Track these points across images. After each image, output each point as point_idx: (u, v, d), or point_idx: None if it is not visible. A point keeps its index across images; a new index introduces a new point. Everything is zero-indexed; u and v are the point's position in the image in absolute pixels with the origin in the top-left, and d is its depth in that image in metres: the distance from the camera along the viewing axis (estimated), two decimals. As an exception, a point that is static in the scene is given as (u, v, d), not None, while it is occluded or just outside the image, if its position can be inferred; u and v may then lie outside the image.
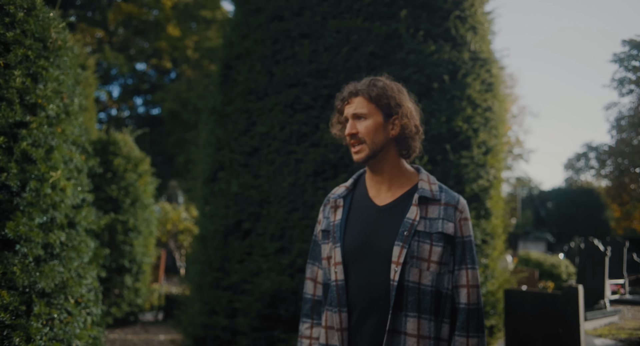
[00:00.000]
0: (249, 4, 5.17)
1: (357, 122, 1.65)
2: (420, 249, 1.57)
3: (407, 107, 1.68)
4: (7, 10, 2.57)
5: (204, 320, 4.85)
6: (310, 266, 1.84)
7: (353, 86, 1.70)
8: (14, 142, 2.48)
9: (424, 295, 1.56)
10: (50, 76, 2.72)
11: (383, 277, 1.56)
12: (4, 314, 2.31)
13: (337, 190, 1.81)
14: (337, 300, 1.60)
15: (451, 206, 1.65)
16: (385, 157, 1.68)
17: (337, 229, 1.66)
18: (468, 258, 1.65)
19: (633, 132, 32.47)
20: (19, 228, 2.40)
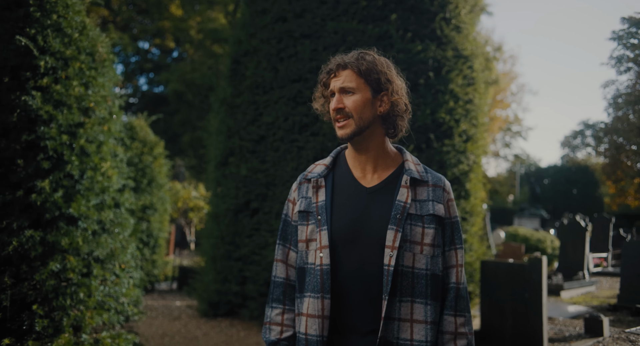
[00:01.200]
0: (256, 6, 5.72)
1: (344, 97, 1.53)
2: (413, 232, 1.51)
3: (397, 84, 1.58)
4: (65, 31, 3.17)
5: (218, 287, 5.55)
6: (281, 248, 1.69)
7: (341, 58, 1.57)
8: (74, 139, 3.11)
9: (418, 278, 1.50)
10: (98, 84, 3.34)
11: (375, 262, 1.48)
12: (72, 274, 2.98)
13: (314, 168, 1.67)
14: (321, 286, 1.49)
15: (439, 187, 1.60)
16: (372, 135, 1.57)
17: (322, 211, 1.55)
18: (457, 239, 1.62)
19: (630, 109, 32.91)
20: (80, 208, 3.05)
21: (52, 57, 3.09)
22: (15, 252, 2.81)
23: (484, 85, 5.63)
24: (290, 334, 1.60)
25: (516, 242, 11.75)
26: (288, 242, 1.67)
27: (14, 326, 2.79)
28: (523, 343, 5.01)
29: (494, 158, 41.35)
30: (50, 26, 3.13)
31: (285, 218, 1.70)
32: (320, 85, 1.63)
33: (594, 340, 5.60)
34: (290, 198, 1.68)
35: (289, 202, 1.69)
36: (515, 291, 5.15)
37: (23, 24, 3.08)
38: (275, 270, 1.67)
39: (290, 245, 1.67)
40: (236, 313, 5.63)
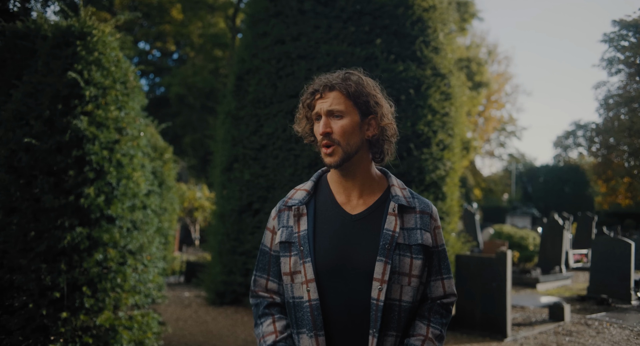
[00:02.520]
0: (257, 29, 6.44)
1: (331, 120, 1.44)
2: (402, 263, 1.42)
3: (386, 107, 1.51)
4: (104, 65, 3.89)
5: (224, 278, 6.28)
6: (258, 280, 1.57)
7: (327, 79, 1.48)
8: (112, 154, 3.83)
9: (404, 312, 1.43)
10: (129, 107, 4.06)
11: (364, 296, 1.39)
12: (112, 263, 3.70)
13: (294, 194, 1.56)
14: (313, 323, 1.40)
15: (427, 214, 1.50)
16: (359, 161, 1.48)
17: (305, 241, 1.45)
18: (443, 268, 1.53)
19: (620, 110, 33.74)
20: (117, 210, 3.77)
21: (95, 87, 3.81)
22: (68, 245, 3.53)
23: (465, 97, 6.34)
24: (286, 335, 1.50)
25: (501, 239, 12.50)
26: (266, 273, 1.56)
27: (69, 304, 3.51)
28: (490, 326, 5.75)
29: (488, 158, 42.14)
30: (93, 62, 3.85)
31: (263, 249, 1.59)
32: (302, 107, 1.53)
33: (556, 324, 6.37)
34: (270, 226, 1.58)
35: (268, 230, 1.59)
36: (484, 281, 5.88)
37: (71, 60, 3.80)
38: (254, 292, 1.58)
39: (269, 276, 1.56)
40: (240, 302, 6.37)
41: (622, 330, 6.12)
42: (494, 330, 5.72)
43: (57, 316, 3.45)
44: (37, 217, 3.57)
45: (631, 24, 33.75)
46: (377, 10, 6.05)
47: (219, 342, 4.94)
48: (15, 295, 3.47)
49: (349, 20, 6.03)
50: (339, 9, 6.05)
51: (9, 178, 3.60)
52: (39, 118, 3.68)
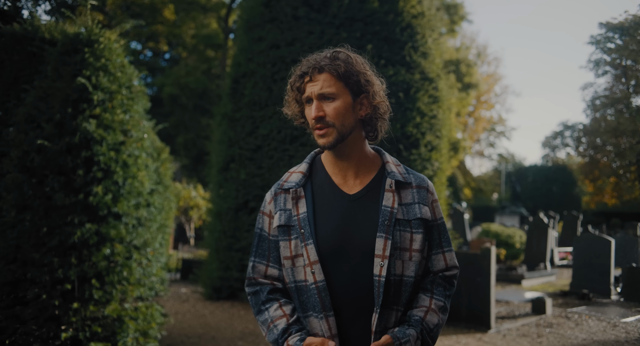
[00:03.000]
0: (253, 34, 6.69)
1: (323, 103, 1.42)
2: (402, 238, 1.42)
3: (377, 85, 1.49)
4: (111, 71, 4.12)
5: (221, 274, 6.53)
6: (257, 266, 1.56)
7: (315, 60, 1.45)
8: (118, 155, 4.06)
9: (405, 286, 1.43)
10: (134, 110, 4.30)
11: (367, 274, 1.39)
12: (118, 257, 3.94)
13: (289, 177, 1.55)
14: (321, 304, 1.39)
15: (423, 188, 1.51)
16: (353, 141, 1.47)
17: (305, 223, 1.44)
18: (444, 241, 1.53)
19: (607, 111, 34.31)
20: (124, 208, 4.01)
21: (102, 92, 4.04)
22: (78, 240, 3.76)
23: (453, 100, 6.62)
24: (296, 318, 1.48)
25: (488, 237, 12.84)
26: (265, 259, 1.54)
27: (79, 295, 3.74)
28: (475, 318, 6.05)
29: (478, 158, 42.62)
30: (100, 68, 4.08)
31: (261, 233, 1.56)
32: (291, 89, 1.51)
33: (538, 317, 6.68)
34: (265, 211, 1.56)
35: (264, 214, 1.56)
36: (469, 276, 6.18)
37: (80, 66, 4.03)
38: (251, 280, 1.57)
39: (268, 261, 1.54)
40: (236, 296, 6.61)
41: (599, 322, 6.45)
42: (479, 322, 6.02)
43: (68, 307, 3.68)
44: (49, 214, 3.80)
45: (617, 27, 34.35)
46: (368, 17, 6.32)
47: (217, 333, 5.19)
48: (29, 287, 3.69)
49: (341, 26, 6.30)
50: (332, 16, 6.31)
51: (22, 177, 3.82)
52: (50, 121, 3.91)
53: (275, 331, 1.45)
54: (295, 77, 1.49)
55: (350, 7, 6.27)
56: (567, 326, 6.21)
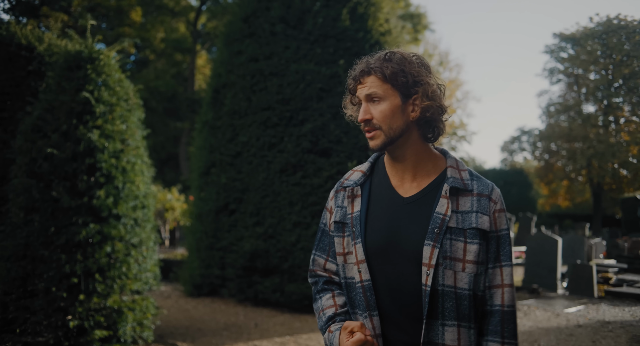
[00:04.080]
0: (233, 47, 7.16)
1: (371, 106, 1.42)
2: (454, 248, 1.37)
3: (428, 84, 1.43)
4: (110, 86, 4.55)
5: (202, 271, 6.96)
6: (317, 259, 1.62)
7: (365, 63, 1.46)
8: (118, 161, 4.48)
9: (461, 300, 1.36)
10: (131, 121, 4.72)
11: (413, 281, 1.36)
12: (119, 254, 4.36)
13: (351, 175, 1.58)
14: (366, 303, 1.41)
15: (485, 196, 1.43)
16: (407, 143, 1.45)
17: (357, 222, 1.46)
18: (502, 255, 1.44)
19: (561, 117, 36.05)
20: (123, 209, 4.43)
21: (103, 105, 4.46)
22: (83, 238, 4.17)
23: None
24: (346, 309, 1.52)
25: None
26: (325, 253, 1.60)
27: (84, 288, 4.14)
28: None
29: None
30: (101, 83, 4.50)
31: (324, 228, 1.62)
32: (348, 92, 1.53)
33: (492, 309, 7.38)
34: (328, 206, 1.61)
35: (327, 210, 1.61)
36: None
37: (83, 81, 4.43)
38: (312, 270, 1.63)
39: (328, 256, 1.59)
40: (217, 292, 7.06)
41: (545, 312, 7.20)
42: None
43: (74, 299, 4.08)
44: (56, 215, 4.19)
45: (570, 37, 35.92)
46: (340, 34, 6.89)
47: (203, 325, 5.64)
48: (38, 282, 4.08)
49: (316, 42, 6.85)
50: (307, 32, 6.85)
51: (30, 182, 4.20)
52: (57, 131, 4.30)
53: (323, 319, 1.50)
54: (350, 79, 1.50)
55: (324, 24, 6.82)
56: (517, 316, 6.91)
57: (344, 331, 1.38)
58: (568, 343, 5.61)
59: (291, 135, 6.54)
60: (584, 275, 9.01)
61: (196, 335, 5.27)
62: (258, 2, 7.13)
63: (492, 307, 1.41)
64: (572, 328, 6.31)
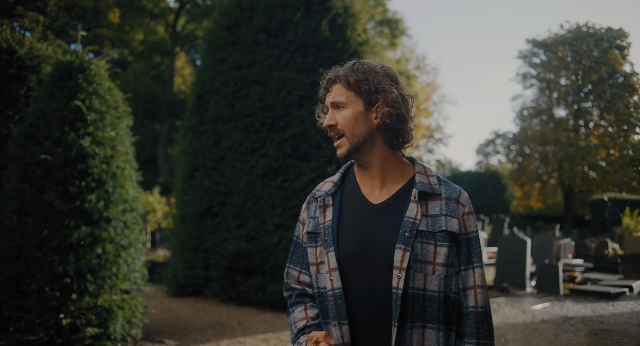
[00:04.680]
0: (216, 55, 7.40)
1: (336, 112, 1.47)
2: (424, 251, 1.39)
3: (390, 92, 1.45)
4: (101, 94, 4.75)
5: (186, 272, 7.17)
6: (291, 272, 1.62)
7: (334, 72, 1.52)
8: (108, 167, 4.69)
9: (430, 302, 1.39)
10: (120, 128, 4.93)
11: (385, 285, 1.38)
12: (109, 255, 4.57)
13: (322, 186, 1.61)
14: (336, 311, 1.42)
15: (453, 200, 1.47)
16: (372, 150, 1.48)
17: (329, 231, 1.48)
18: (474, 256, 1.47)
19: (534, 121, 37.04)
20: (113, 213, 4.64)
21: (94, 113, 4.66)
22: (75, 240, 4.37)
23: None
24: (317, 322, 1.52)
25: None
26: (299, 265, 1.60)
27: (76, 288, 4.34)
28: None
29: (417, 164, 44.45)
30: (92, 92, 4.70)
31: (297, 241, 1.63)
32: (320, 101, 1.58)
33: (464, 306, 7.76)
34: (301, 219, 1.62)
35: (299, 223, 1.63)
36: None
37: (75, 90, 4.63)
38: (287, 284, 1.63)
39: (301, 268, 1.60)
40: (200, 292, 7.27)
41: (513, 309, 7.60)
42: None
43: (67, 298, 4.28)
44: (48, 219, 4.38)
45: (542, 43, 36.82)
46: (320, 44, 7.18)
47: (188, 324, 5.87)
48: (31, 282, 4.26)
49: (297, 51, 7.13)
50: (288, 42, 7.13)
51: (23, 186, 4.38)
52: (49, 137, 4.49)
53: (294, 331, 1.51)
54: (321, 89, 1.56)
55: (305, 34, 7.11)
56: (487, 313, 7.29)
57: (310, 341, 1.39)
58: (532, 337, 6.00)
59: (273, 141, 6.81)
60: (551, 274, 9.48)
61: (182, 332, 5.49)
62: (241, 12, 7.39)
63: (467, 309, 1.43)
64: (536, 324, 6.72)
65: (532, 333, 6.21)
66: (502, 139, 41.01)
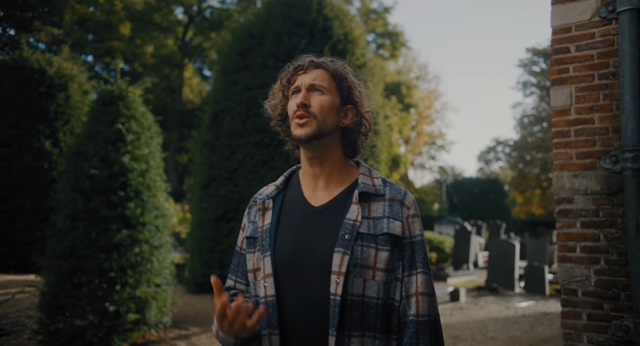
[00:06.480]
0: (229, 77, 8.29)
1: (311, 95, 1.35)
2: (364, 255, 1.29)
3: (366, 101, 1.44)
4: (137, 118, 5.63)
5: (203, 271, 8.03)
6: (228, 282, 1.52)
7: (312, 58, 1.42)
8: (144, 179, 5.56)
9: (367, 308, 1.28)
10: (152, 146, 5.81)
11: (323, 291, 1.28)
12: (145, 254, 5.42)
13: (265, 190, 1.50)
14: (267, 321, 1.30)
15: (397, 201, 1.36)
16: (329, 145, 1.39)
17: (266, 235, 1.37)
18: (418, 261, 1.35)
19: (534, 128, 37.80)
20: (148, 218, 5.51)
21: (132, 134, 5.54)
22: (118, 241, 5.22)
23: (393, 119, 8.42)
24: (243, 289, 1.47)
25: (423, 243, 14.85)
26: (234, 274, 1.50)
27: (119, 281, 5.20)
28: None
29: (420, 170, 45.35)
30: (130, 116, 5.58)
31: (236, 249, 1.54)
32: (280, 83, 1.46)
33: (453, 304, 8.57)
34: (242, 225, 1.51)
35: (241, 230, 1.52)
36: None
37: (115, 115, 5.51)
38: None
39: (237, 276, 1.49)
40: (216, 290, 8.13)
41: (498, 306, 8.42)
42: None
43: (112, 289, 5.13)
44: (95, 223, 5.25)
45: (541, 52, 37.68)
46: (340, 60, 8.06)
47: (208, 315, 6.71)
48: (81, 275, 5.12)
49: (302, 74, 8.00)
50: (294, 66, 8.01)
51: (75, 196, 5.26)
52: (96, 155, 5.37)
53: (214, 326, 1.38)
54: (287, 71, 1.45)
55: (309, 59, 7.99)
56: (474, 309, 8.12)
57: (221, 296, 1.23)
58: (510, 328, 6.82)
59: (281, 154, 7.67)
60: (538, 276, 10.27)
61: (203, 322, 6.34)
62: (252, 39, 8.28)
63: (408, 317, 1.32)
64: (517, 318, 7.53)
65: (512, 325, 7.03)
66: (502, 146, 41.75)
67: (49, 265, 5.18)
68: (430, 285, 1.36)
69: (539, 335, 6.44)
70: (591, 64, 2.76)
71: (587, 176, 2.74)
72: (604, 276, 2.66)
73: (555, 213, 2.88)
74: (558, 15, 2.87)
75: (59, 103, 10.67)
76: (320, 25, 8.18)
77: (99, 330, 5.00)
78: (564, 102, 2.84)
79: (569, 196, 2.80)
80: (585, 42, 2.77)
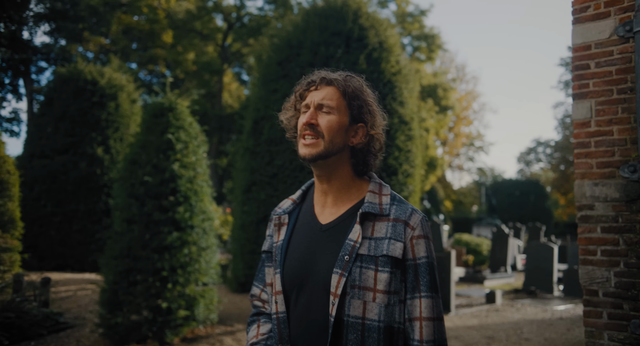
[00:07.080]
0: (269, 87, 8.68)
1: (319, 114, 1.36)
2: (364, 277, 1.29)
3: (378, 119, 1.42)
4: (185, 128, 6.04)
5: (246, 272, 8.42)
6: (254, 289, 1.57)
7: (326, 73, 1.42)
8: (191, 185, 5.96)
9: (369, 331, 1.27)
10: (199, 154, 6.22)
11: (322, 312, 1.30)
12: (194, 255, 5.82)
13: (283, 204, 1.53)
14: (279, 337, 1.36)
15: (401, 222, 1.34)
16: (337, 164, 1.39)
17: (279, 251, 1.41)
18: (422, 285, 1.32)
19: (577, 129, 36.84)
20: (196, 221, 5.91)
21: (181, 143, 5.96)
22: (169, 243, 5.64)
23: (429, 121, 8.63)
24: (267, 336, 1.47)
25: (460, 245, 14.89)
26: (262, 283, 1.56)
27: (170, 279, 5.61)
28: (440, 304, 8.01)
29: (458, 172, 44.91)
30: (179, 127, 6.00)
31: (262, 256, 1.57)
32: (294, 96, 1.48)
33: (489, 305, 8.68)
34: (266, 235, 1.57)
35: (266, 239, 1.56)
36: (436, 272, 8.15)
37: (166, 126, 5.94)
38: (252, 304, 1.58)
39: (264, 286, 1.54)
40: (257, 290, 8.51)
41: (535, 308, 8.48)
42: (443, 307, 7.98)
43: (164, 287, 5.55)
44: (148, 226, 5.68)
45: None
46: (358, 75, 8.34)
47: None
48: (136, 274, 5.55)
49: (338, 82, 8.31)
50: (331, 74, 8.32)
51: (130, 201, 5.71)
52: (149, 163, 5.81)
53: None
54: (301, 85, 1.46)
55: (345, 68, 8.26)
56: (510, 311, 8.22)
57: None
58: (546, 330, 6.91)
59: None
60: (577, 279, 10.22)
61: (247, 319, 6.70)
62: (290, 49, 8.64)
63: (412, 342, 1.31)
64: (554, 320, 7.60)
65: (547, 327, 7.11)
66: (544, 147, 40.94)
67: (108, 264, 5.65)
68: (437, 309, 1.34)
69: (575, 338, 6.51)
70: (610, 80, 2.95)
71: (607, 184, 2.93)
72: (623, 278, 2.84)
73: (577, 218, 3.08)
74: (579, 34, 3.07)
75: (109, 112, 11.34)
76: (356, 35, 8.46)
77: (153, 324, 5.43)
78: (585, 115, 3.04)
79: (589, 203, 3.00)
80: (605, 59, 2.97)
